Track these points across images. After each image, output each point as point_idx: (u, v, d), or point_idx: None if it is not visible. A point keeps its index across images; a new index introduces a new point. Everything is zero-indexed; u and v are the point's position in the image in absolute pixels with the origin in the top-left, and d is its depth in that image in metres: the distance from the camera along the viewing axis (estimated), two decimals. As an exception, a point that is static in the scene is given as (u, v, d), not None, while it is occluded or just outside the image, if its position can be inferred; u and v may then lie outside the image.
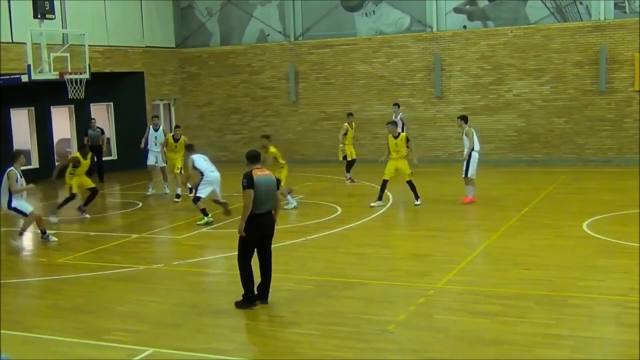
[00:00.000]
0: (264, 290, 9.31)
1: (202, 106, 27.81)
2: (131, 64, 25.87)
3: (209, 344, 8.03)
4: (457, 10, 24.19)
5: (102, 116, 25.75)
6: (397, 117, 21.38)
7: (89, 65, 19.77)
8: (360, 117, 23.03)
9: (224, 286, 10.21)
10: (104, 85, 24.24)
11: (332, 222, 14.68)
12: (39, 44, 18.68)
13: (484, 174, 20.13)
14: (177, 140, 18.49)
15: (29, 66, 18.50)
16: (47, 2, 18.74)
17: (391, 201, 16.63)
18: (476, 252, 11.99)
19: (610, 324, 8.47)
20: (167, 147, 18.65)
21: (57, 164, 18.71)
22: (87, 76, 19.45)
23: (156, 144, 19.37)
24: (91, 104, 24.50)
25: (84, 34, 20.02)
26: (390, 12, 25.00)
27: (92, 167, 16.89)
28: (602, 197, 16.75)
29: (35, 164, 23.90)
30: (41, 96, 22.90)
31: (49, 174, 23.53)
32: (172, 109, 27.81)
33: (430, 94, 24.46)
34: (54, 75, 18.97)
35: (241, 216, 9.05)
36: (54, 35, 20.48)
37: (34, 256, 13.21)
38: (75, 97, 19.39)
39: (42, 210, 15.92)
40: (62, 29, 21.87)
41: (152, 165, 19.72)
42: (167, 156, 18.79)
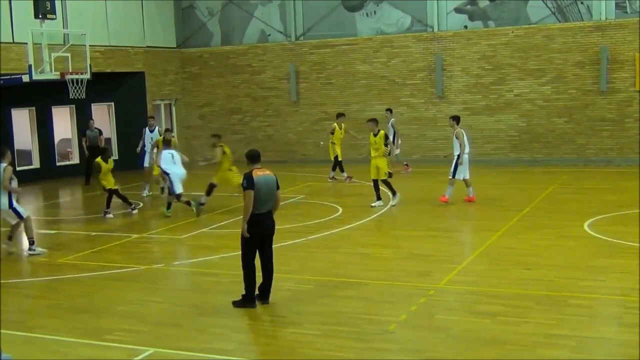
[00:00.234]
0: (265, 290, 9.31)
1: (203, 106, 27.79)
2: (132, 64, 25.86)
3: (210, 344, 8.02)
4: (458, 10, 24.17)
5: (103, 116, 25.78)
6: (389, 122, 21.34)
7: (90, 65, 19.79)
8: (360, 117, 23.00)
9: (224, 286, 10.20)
10: (105, 85, 24.26)
11: (333, 222, 14.68)
12: (40, 44, 18.68)
13: (485, 173, 20.16)
14: (167, 142, 18.37)
15: (30, 66, 18.50)
16: (48, 2, 18.74)
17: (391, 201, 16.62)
18: (477, 252, 11.97)
19: (611, 324, 8.47)
20: (158, 149, 18.54)
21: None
22: (88, 76, 19.48)
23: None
24: (92, 104, 24.54)
25: (85, 34, 20.04)
26: (391, 12, 24.99)
27: (96, 167, 16.89)
28: (603, 197, 16.73)
29: (36, 164, 23.93)
30: (42, 96, 22.92)
31: (49, 174, 23.73)
32: (173, 109, 27.79)
33: (431, 94, 24.45)
34: (55, 75, 18.98)
35: (242, 217, 9.05)
36: (55, 35, 20.48)
37: (35, 256, 13.20)
38: (76, 97, 19.41)
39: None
40: (63, 29, 21.87)
41: (147, 166, 19.63)
42: (155, 158, 18.68)
